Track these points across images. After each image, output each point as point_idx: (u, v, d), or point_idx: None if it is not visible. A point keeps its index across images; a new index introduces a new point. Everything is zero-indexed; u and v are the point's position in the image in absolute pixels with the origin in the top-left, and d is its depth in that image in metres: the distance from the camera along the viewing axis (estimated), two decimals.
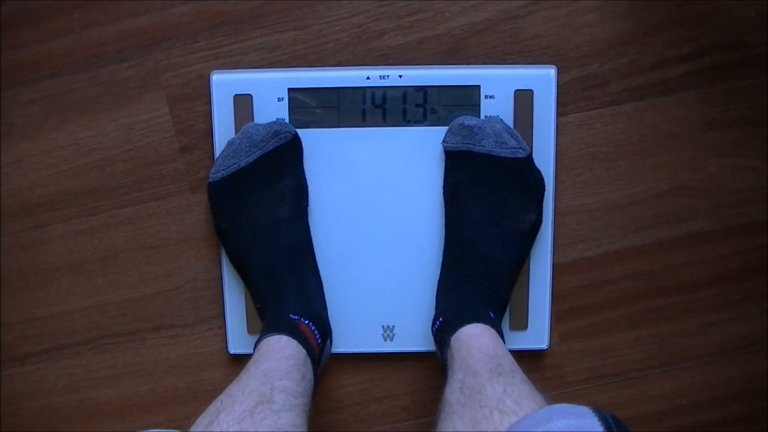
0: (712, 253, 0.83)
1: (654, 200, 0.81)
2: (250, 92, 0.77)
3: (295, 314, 0.72)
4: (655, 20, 0.78)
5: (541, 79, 0.77)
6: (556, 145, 0.79)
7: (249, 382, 0.62)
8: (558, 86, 0.78)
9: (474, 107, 0.77)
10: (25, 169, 0.80)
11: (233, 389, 0.61)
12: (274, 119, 0.77)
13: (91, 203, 0.81)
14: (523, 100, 0.77)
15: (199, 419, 0.58)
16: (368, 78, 0.77)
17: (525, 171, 0.76)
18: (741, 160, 0.81)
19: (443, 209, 0.78)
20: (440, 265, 0.78)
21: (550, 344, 0.82)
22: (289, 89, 0.77)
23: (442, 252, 0.78)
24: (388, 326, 0.81)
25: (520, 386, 0.59)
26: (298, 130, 0.77)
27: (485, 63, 0.78)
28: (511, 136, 0.76)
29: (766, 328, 0.84)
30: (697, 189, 0.81)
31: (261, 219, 0.76)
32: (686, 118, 0.80)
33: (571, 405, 0.51)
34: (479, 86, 0.77)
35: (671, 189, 0.81)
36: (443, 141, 0.77)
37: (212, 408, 0.59)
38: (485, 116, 0.77)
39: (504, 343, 0.69)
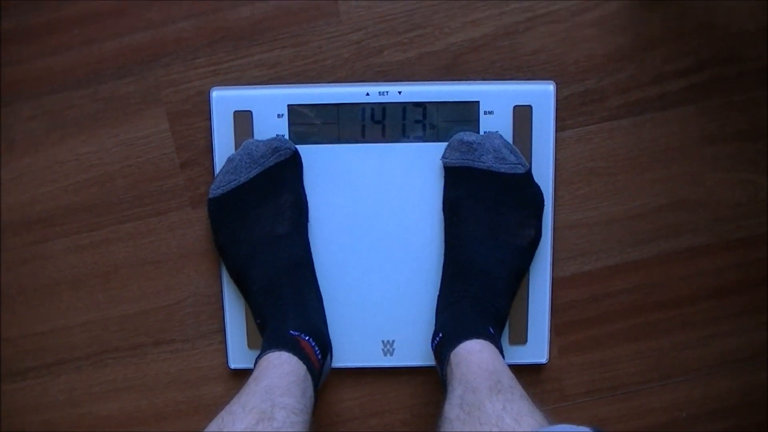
0: (711, 267, 0.83)
1: (653, 214, 0.82)
2: (250, 108, 0.77)
3: (295, 330, 0.72)
4: (653, 35, 0.79)
5: (540, 95, 0.77)
6: (555, 160, 0.79)
7: (250, 399, 0.62)
8: (557, 101, 0.78)
9: (473, 123, 0.77)
10: (25, 185, 0.80)
11: (234, 406, 0.61)
12: (274, 135, 0.77)
13: (92, 218, 0.81)
14: (522, 115, 0.77)
15: None
16: (368, 94, 0.77)
17: (524, 186, 0.76)
18: (740, 174, 0.81)
19: (443, 225, 0.78)
20: (440, 281, 0.78)
21: (549, 358, 0.82)
22: (289, 105, 0.77)
23: (441, 267, 0.78)
24: (388, 341, 0.81)
25: (520, 403, 0.59)
26: (298, 146, 0.77)
27: (484, 79, 0.78)
28: (511, 152, 0.76)
29: (765, 341, 0.84)
30: (696, 203, 0.82)
31: (261, 235, 0.76)
32: (685, 133, 0.80)
33: (571, 425, 0.51)
34: (478, 102, 0.77)
35: (670, 203, 0.81)
36: (443, 156, 0.77)
37: (213, 425, 0.59)
38: (484, 132, 0.77)
39: (503, 358, 0.70)
